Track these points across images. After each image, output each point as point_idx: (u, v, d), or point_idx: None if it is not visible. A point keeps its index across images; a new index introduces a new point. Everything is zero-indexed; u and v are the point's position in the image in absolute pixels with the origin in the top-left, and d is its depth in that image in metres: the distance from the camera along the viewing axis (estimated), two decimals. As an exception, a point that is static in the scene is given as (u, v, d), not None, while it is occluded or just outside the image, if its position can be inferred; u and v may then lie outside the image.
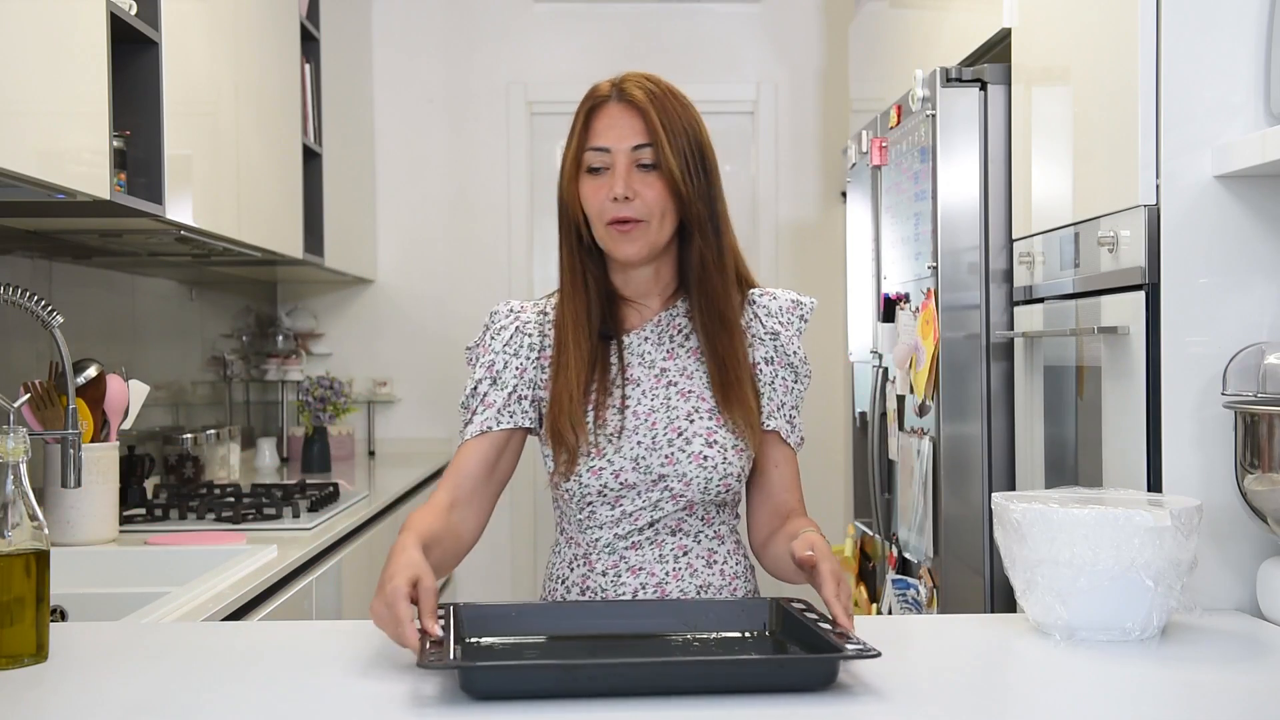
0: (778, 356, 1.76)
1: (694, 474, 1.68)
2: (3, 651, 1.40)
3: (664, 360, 1.75)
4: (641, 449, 1.69)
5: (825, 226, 4.79)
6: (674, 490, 1.69)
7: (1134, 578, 1.51)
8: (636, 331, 1.76)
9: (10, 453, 1.43)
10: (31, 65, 1.98)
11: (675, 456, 1.68)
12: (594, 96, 1.72)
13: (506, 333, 1.76)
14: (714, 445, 1.69)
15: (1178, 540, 1.52)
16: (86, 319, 3.06)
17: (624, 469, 1.68)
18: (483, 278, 4.81)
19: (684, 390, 1.72)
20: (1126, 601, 1.51)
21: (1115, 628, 1.53)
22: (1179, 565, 1.52)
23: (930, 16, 3.23)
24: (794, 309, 1.79)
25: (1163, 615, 1.54)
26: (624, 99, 1.70)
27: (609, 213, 1.67)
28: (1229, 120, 1.86)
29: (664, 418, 1.70)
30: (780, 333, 1.77)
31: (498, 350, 1.75)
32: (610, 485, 1.69)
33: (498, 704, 1.25)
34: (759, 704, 1.26)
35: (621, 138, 1.68)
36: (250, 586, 2.13)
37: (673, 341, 1.76)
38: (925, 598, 2.73)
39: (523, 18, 4.81)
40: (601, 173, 1.68)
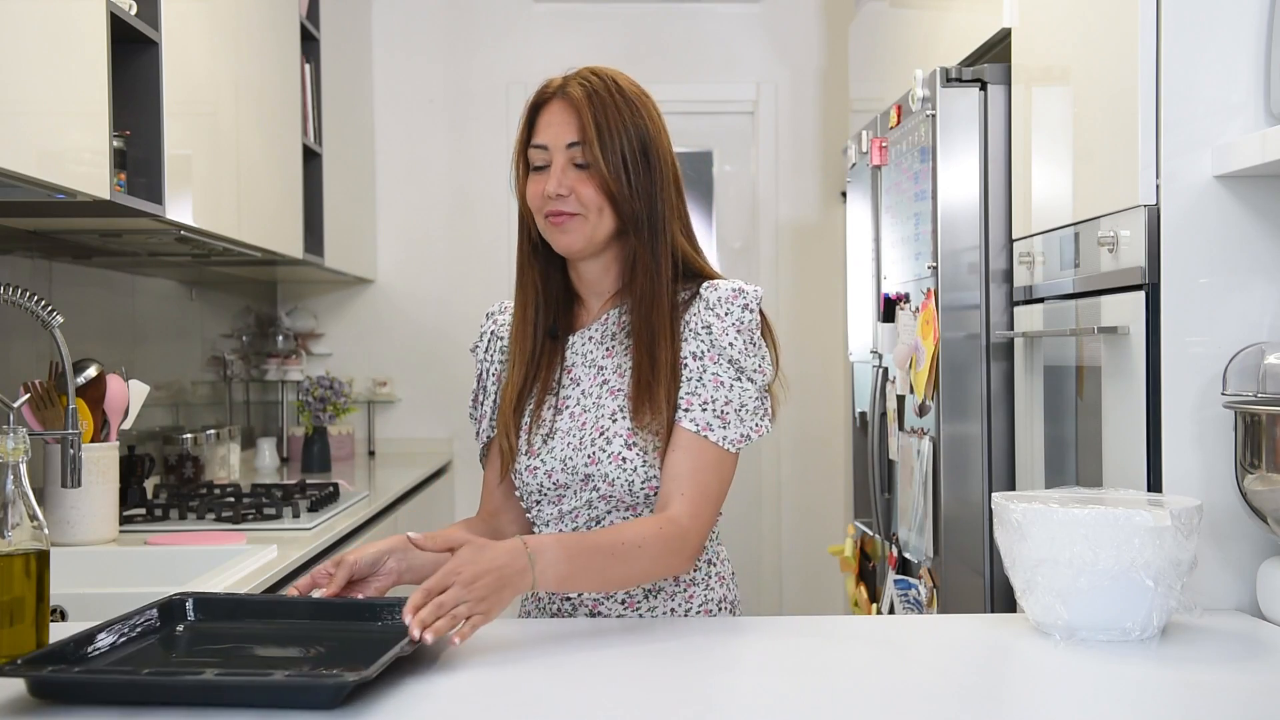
0: (710, 350, 1.67)
1: (615, 475, 1.66)
2: (3, 651, 1.40)
3: (603, 358, 1.74)
4: (569, 449, 1.70)
5: (825, 226, 4.79)
6: (601, 490, 1.68)
7: (1134, 578, 1.50)
8: (582, 330, 1.77)
9: (10, 453, 1.42)
10: (31, 65, 1.98)
11: (597, 456, 1.67)
12: (541, 93, 1.73)
13: (486, 337, 1.85)
14: (633, 447, 1.66)
15: (1178, 540, 1.52)
16: (86, 319, 3.06)
17: (555, 469, 1.70)
18: (483, 278, 4.80)
19: (614, 389, 1.71)
20: (1127, 601, 1.51)
21: (1115, 628, 1.53)
22: (1179, 565, 1.52)
23: (930, 16, 3.23)
24: (734, 298, 1.68)
25: (1163, 615, 1.53)
26: (564, 96, 1.70)
27: (546, 207, 1.70)
28: (1229, 120, 1.86)
29: (592, 417, 1.70)
30: (713, 324, 1.67)
31: (481, 356, 1.85)
32: (545, 484, 1.71)
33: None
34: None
35: (558, 135, 1.69)
36: (250, 586, 2.12)
37: (614, 340, 1.74)
38: (925, 598, 2.73)
39: (523, 18, 4.81)
40: (543, 169, 1.71)
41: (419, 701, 1.31)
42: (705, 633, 1.62)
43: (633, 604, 1.71)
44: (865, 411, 3.25)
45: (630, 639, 1.58)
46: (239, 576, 2.17)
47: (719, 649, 1.55)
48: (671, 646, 1.54)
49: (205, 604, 1.59)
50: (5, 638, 1.41)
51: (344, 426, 4.51)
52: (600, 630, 1.63)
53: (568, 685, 1.39)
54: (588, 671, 1.45)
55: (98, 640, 1.42)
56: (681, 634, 1.61)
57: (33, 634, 1.43)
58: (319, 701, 1.26)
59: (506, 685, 1.40)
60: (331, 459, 4.28)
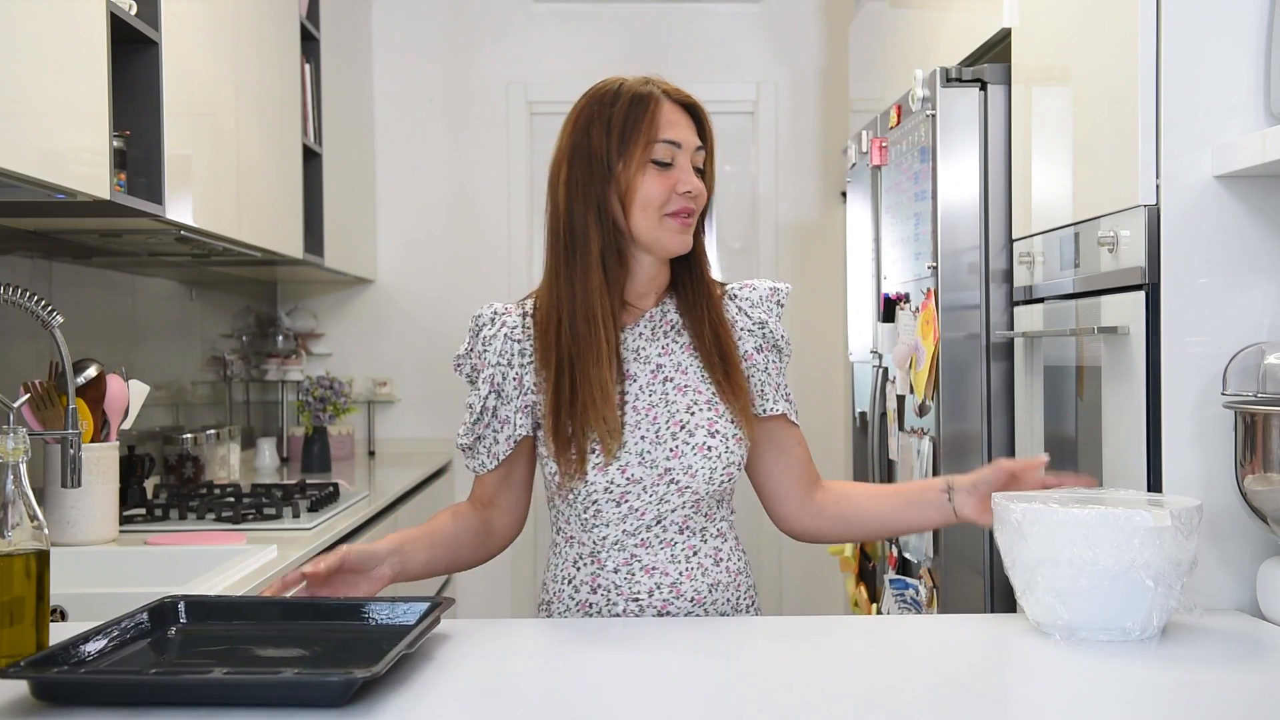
0: (766, 344, 1.81)
1: (699, 465, 1.71)
2: (3, 651, 1.40)
3: (659, 356, 1.76)
4: (646, 444, 1.70)
5: (825, 226, 4.79)
6: (680, 483, 1.70)
7: (1134, 578, 1.50)
8: (631, 327, 1.77)
9: (10, 453, 1.42)
10: (31, 65, 1.98)
11: (680, 449, 1.71)
12: (649, 93, 1.73)
13: (497, 341, 1.76)
14: (716, 435, 1.72)
15: (1178, 540, 1.52)
16: (86, 319, 3.06)
17: (629, 464, 1.69)
18: (483, 278, 4.81)
19: (680, 385, 1.75)
20: (1126, 601, 1.51)
21: (1115, 628, 1.53)
22: (1179, 565, 1.52)
23: (930, 16, 3.23)
24: (772, 295, 1.84)
25: (1163, 615, 1.54)
26: (679, 100, 1.75)
27: (676, 204, 1.71)
28: (1229, 120, 1.86)
29: (664, 412, 1.72)
30: (766, 321, 1.81)
31: (493, 363, 1.76)
32: (616, 482, 1.69)
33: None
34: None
35: (687, 136, 1.74)
36: (250, 587, 2.12)
37: (666, 337, 1.78)
38: (925, 598, 2.73)
39: (523, 18, 4.81)
40: (666, 166, 1.71)
41: (423, 699, 1.31)
42: (704, 632, 1.62)
43: (700, 600, 1.72)
44: (865, 411, 3.25)
45: (630, 639, 1.58)
46: (239, 577, 2.17)
47: (718, 649, 1.55)
48: (671, 646, 1.54)
49: (196, 606, 1.59)
50: (5, 638, 1.41)
51: (344, 426, 4.51)
52: (607, 630, 1.63)
53: (571, 684, 1.39)
54: (589, 671, 1.45)
55: (91, 644, 1.42)
56: (684, 633, 1.61)
57: (33, 634, 1.43)
58: (327, 699, 1.26)
59: (509, 683, 1.40)
60: (331, 459, 4.28)
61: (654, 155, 1.70)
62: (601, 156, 1.72)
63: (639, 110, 1.72)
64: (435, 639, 1.54)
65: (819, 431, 4.70)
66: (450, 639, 1.55)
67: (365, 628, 1.53)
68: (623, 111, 1.72)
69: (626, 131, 1.71)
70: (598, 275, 1.71)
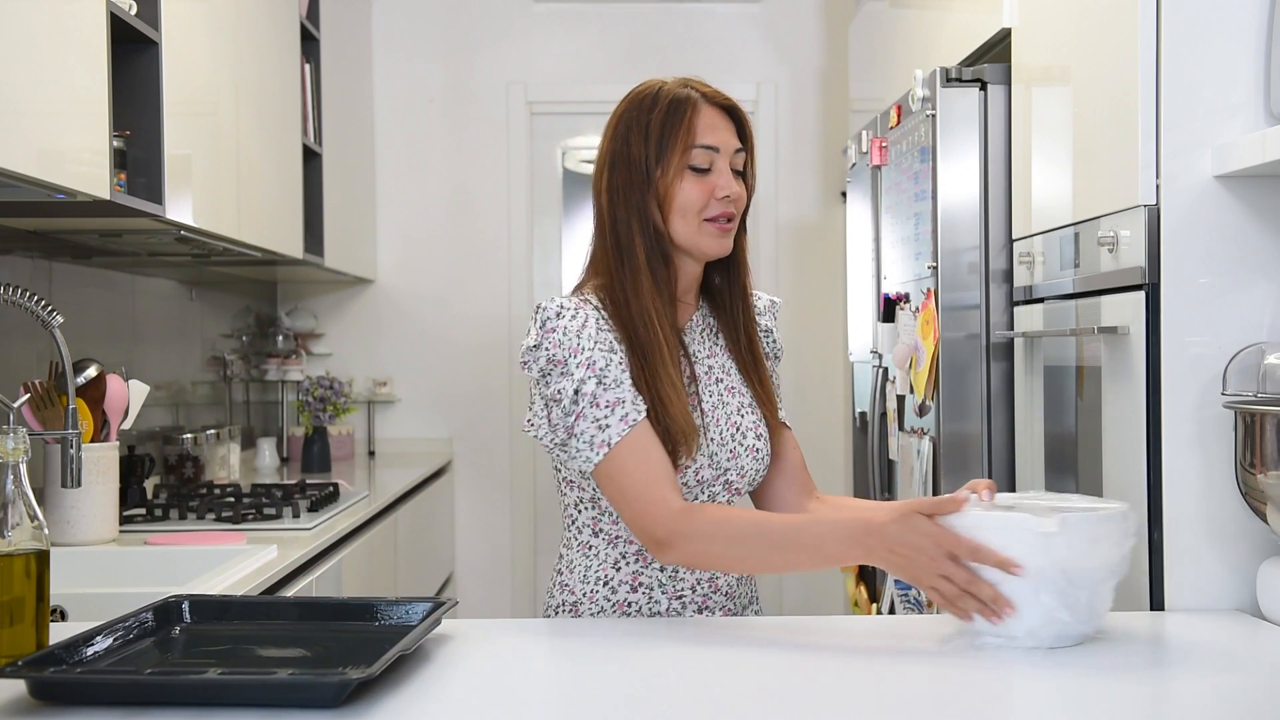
0: (769, 351, 1.87)
1: (749, 467, 1.75)
2: (3, 651, 1.40)
3: (708, 358, 1.78)
4: (714, 445, 1.72)
5: (825, 226, 4.79)
6: (732, 484, 1.74)
7: (1015, 584, 1.45)
8: (687, 328, 1.79)
9: (10, 453, 1.42)
10: (31, 65, 1.98)
11: (736, 451, 1.74)
12: (686, 97, 1.72)
13: (589, 329, 1.65)
14: (761, 438, 1.77)
15: (1072, 548, 1.45)
16: (86, 319, 3.06)
17: (702, 466, 1.70)
18: (483, 278, 4.81)
19: (729, 386, 1.78)
20: (1019, 608, 1.46)
21: (1003, 634, 1.48)
22: (1072, 574, 1.45)
23: (930, 16, 3.23)
24: (772, 308, 1.90)
25: (1053, 625, 1.47)
26: (718, 103, 1.75)
27: (715, 209, 1.71)
28: (1229, 120, 1.86)
29: (723, 414, 1.75)
30: (771, 329, 1.88)
31: (589, 348, 1.64)
32: (689, 484, 1.69)
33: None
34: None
35: (726, 140, 1.73)
36: (250, 587, 2.12)
37: (709, 339, 1.81)
38: (925, 598, 2.73)
39: (523, 18, 4.81)
40: (704, 172, 1.71)
41: (421, 700, 1.31)
42: (708, 631, 1.62)
43: (731, 593, 1.75)
44: (865, 411, 3.25)
45: (631, 639, 1.58)
46: (239, 577, 2.17)
47: (718, 648, 1.55)
48: (672, 646, 1.54)
49: (200, 606, 1.59)
50: (5, 638, 1.41)
51: (344, 426, 4.51)
52: (607, 630, 1.63)
53: (570, 684, 1.39)
54: (589, 671, 1.45)
55: (94, 644, 1.42)
56: (683, 634, 1.61)
57: (33, 634, 1.43)
58: (322, 700, 1.26)
59: (508, 684, 1.40)
60: (331, 459, 4.28)
61: (691, 161, 1.70)
62: (640, 163, 1.71)
63: (676, 116, 1.71)
64: (435, 639, 1.54)
65: (819, 432, 4.70)
66: (450, 639, 1.55)
67: (369, 628, 1.54)
68: (660, 117, 1.71)
69: (664, 138, 1.71)
70: (647, 279, 1.70)
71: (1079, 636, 1.51)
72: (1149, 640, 1.65)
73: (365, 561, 3.09)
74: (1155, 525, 1.88)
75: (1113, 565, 1.50)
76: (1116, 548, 1.50)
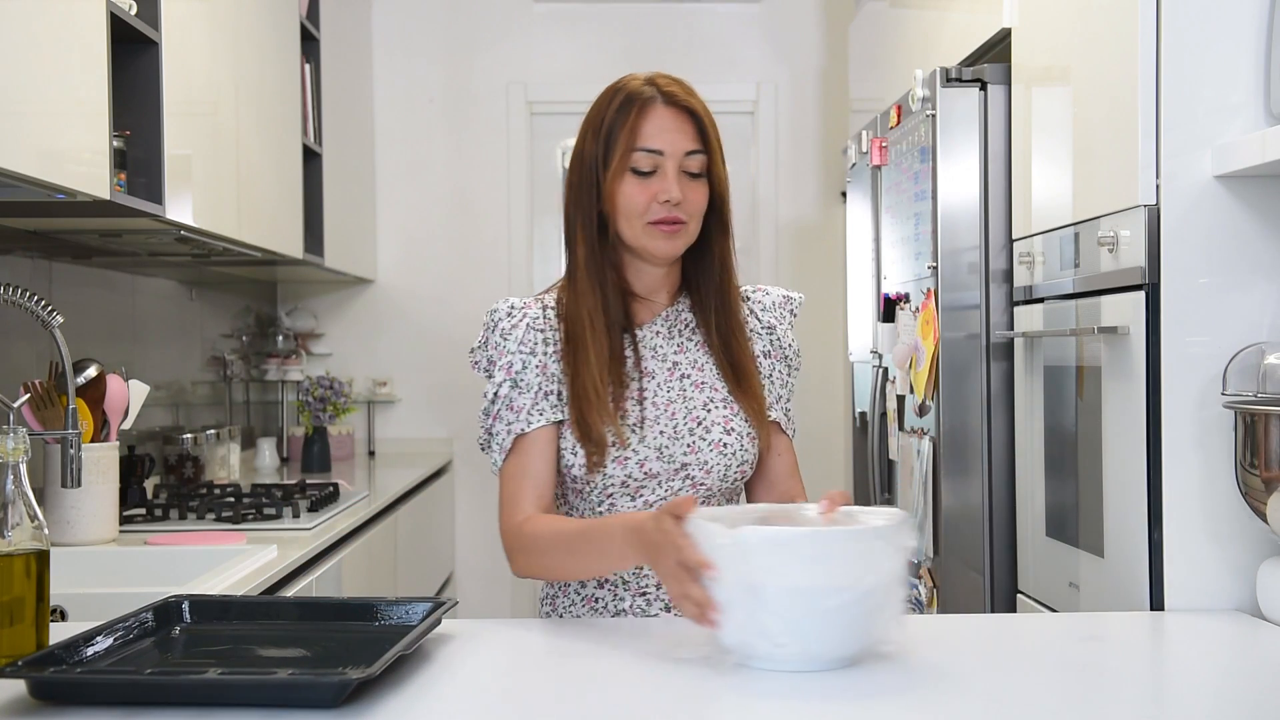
0: (774, 350, 1.84)
1: (715, 461, 1.72)
2: (3, 651, 1.40)
3: (675, 354, 1.78)
4: (664, 439, 1.72)
5: (825, 226, 4.79)
6: (695, 479, 1.72)
7: (719, 594, 1.36)
8: (648, 325, 1.79)
9: (10, 453, 1.42)
10: (31, 65, 1.98)
11: (696, 445, 1.72)
12: (638, 96, 1.71)
13: (518, 330, 1.73)
14: (732, 433, 1.74)
15: (750, 563, 1.33)
16: (86, 319, 3.06)
17: (648, 458, 1.70)
18: (483, 278, 4.80)
19: (697, 381, 1.77)
20: (726, 618, 1.37)
21: (713, 644, 1.42)
22: (759, 591, 1.33)
23: (930, 16, 3.23)
24: (785, 304, 1.86)
25: (749, 644, 1.37)
26: (673, 103, 1.71)
27: (656, 213, 1.69)
28: (1229, 120, 1.86)
29: (682, 408, 1.74)
30: (775, 326, 1.84)
31: (513, 351, 1.72)
32: (634, 475, 1.70)
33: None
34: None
35: (674, 142, 1.70)
36: (250, 587, 2.12)
37: (681, 335, 1.80)
38: (925, 598, 2.73)
39: (523, 18, 4.81)
40: (648, 174, 1.70)
41: (421, 700, 1.31)
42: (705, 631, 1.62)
43: None
44: (865, 411, 3.25)
45: (633, 639, 1.58)
46: (239, 576, 2.17)
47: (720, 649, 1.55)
48: (673, 646, 1.54)
49: (201, 606, 1.59)
50: (5, 638, 1.41)
51: (344, 426, 4.51)
52: (608, 630, 1.63)
53: (570, 685, 1.39)
54: (589, 671, 1.44)
55: (94, 644, 1.42)
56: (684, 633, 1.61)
57: (33, 634, 1.43)
58: (322, 700, 1.26)
59: (507, 683, 1.40)
60: (331, 459, 4.28)
61: (632, 163, 1.69)
62: (590, 163, 1.73)
63: (623, 116, 1.70)
64: (435, 639, 1.54)
65: (819, 432, 4.70)
66: (450, 639, 1.55)
67: (369, 628, 1.54)
68: (610, 116, 1.72)
69: (611, 138, 1.71)
70: (584, 278, 1.73)
71: (793, 660, 1.37)
72: (1149, 640, 1.65)
73: (365, 561, 3.09)
74: (1155, 525, 1.88)
75: (837, 587, 1.32)
76: (836, 568, 1.33)
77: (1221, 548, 1.82)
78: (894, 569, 1.36)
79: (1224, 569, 1.82)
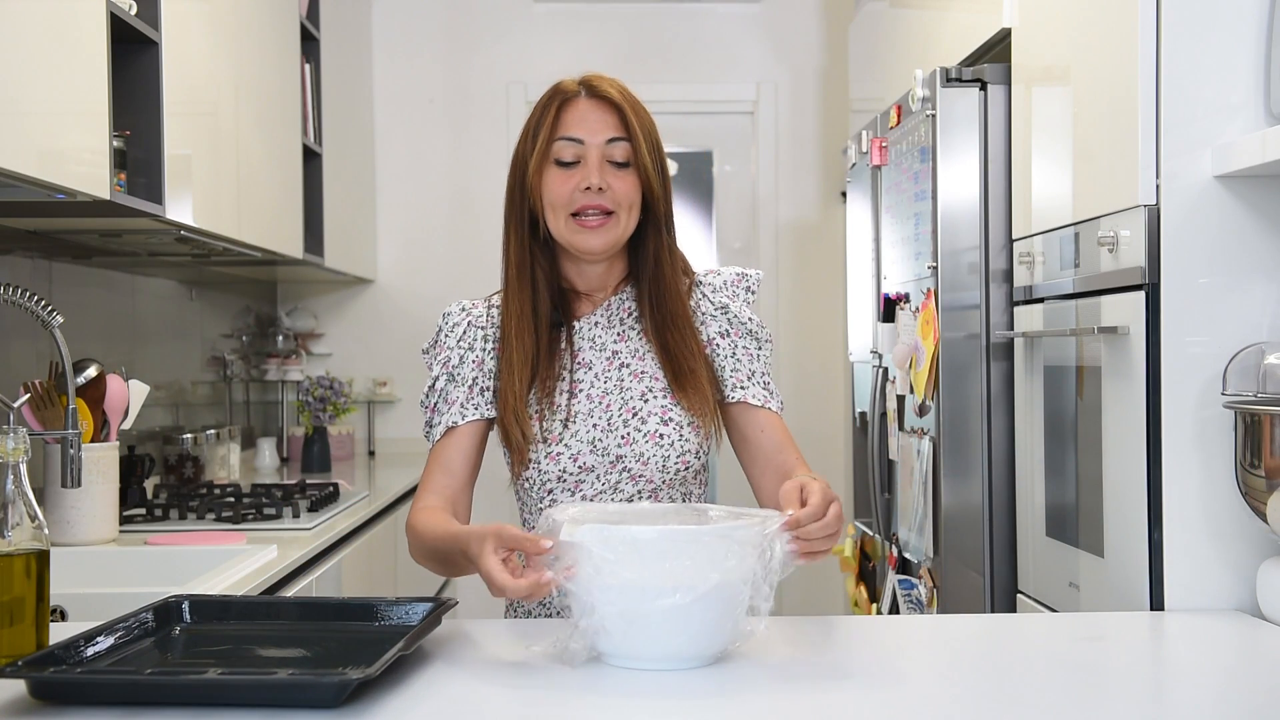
0: (733, 328, 1.79)
1: (651, 453, 1.70)
2: (3, 651, 1.40)
3: (615, 343, 1.77)
4: (597, 431, 1.71)
5: (825, 226, 4.79)
6: (632, 471, 1.70)
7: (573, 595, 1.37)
8: (587, 317, 1.78)
9: (10, 453, 1.42)
10: (31, 65, 1.98)
11: (631, 436, 1.71)
12: (562, 92, 1.73)
13: (459, 329, 1.78)
14: (669, 423, 1.71)
15: (599, 562, 1.33)
16: (86, 319, 3.06)
17: (581, 452, 1.70)
18: (483, 278, 4.77)
19: (636, 371, 1.75)
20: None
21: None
22: (599, 587, 1.34)
23: (930, 16, 3.23)
24: (739, 281, 1.82)
25: (581, 643, 1.38)
26: (596, 95, 1.72)
27: (579, 202, 1.69)
28: (1229, 120, 1.86)
29: (618, 399, 1.73)
30: (729, 305, 1.79)
31: (452, 346, 1.77)
32: (569, 470, 1.70)
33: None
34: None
35: (594, 131, 1.70)
36: (250, 587, 2.12)
37: (623, 324, 1.79)
38: (925, 598, 2.73)
39: (523, 18, 4.81)
40: (571, 165, 1.70)
41: (421, 700, 1.31)
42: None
43: None
44: (865, 411, 3.25)
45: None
46: (239, 576, 2.17)
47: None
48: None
49: (201, 606, 1.59)
50: (5, 638, 1.41)
51: (344, 426, 4.51)
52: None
53: (570, 685, 1.39)
54: (589, 671, 1.44)
55: (94, 644, 1.42)
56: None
57: (33, 634, 1.43)
58: (322, 700, 1.26)
59: (509, 684, 1.40)
60: (331, 459, 4.28)
61: (555, 155, 1.70)
62: (520, 160, 1.75)
63: (545, 110, 1.72)
64: (436, 639, 1.54)
65: (819, 432, 4.71)
66: (450, 640, 1.55)
67: (369, 628, 1.54)
68: (536, 113, 1.74)
69: (535, 133, 1.72)
70: (515, 279, 1.75)
71: (639, 658, 1.39)
72: (1149, 640, 1.65)
73: (365, 561, 3.09)
74: (1155, 525, 1.88)
75: (674, 586, 1.32)
76: (675, 567, 1.32)
77: (1221, 548, 1.82)
78: (741, 569, 1.36)
79: (1224, 569, 1.82)
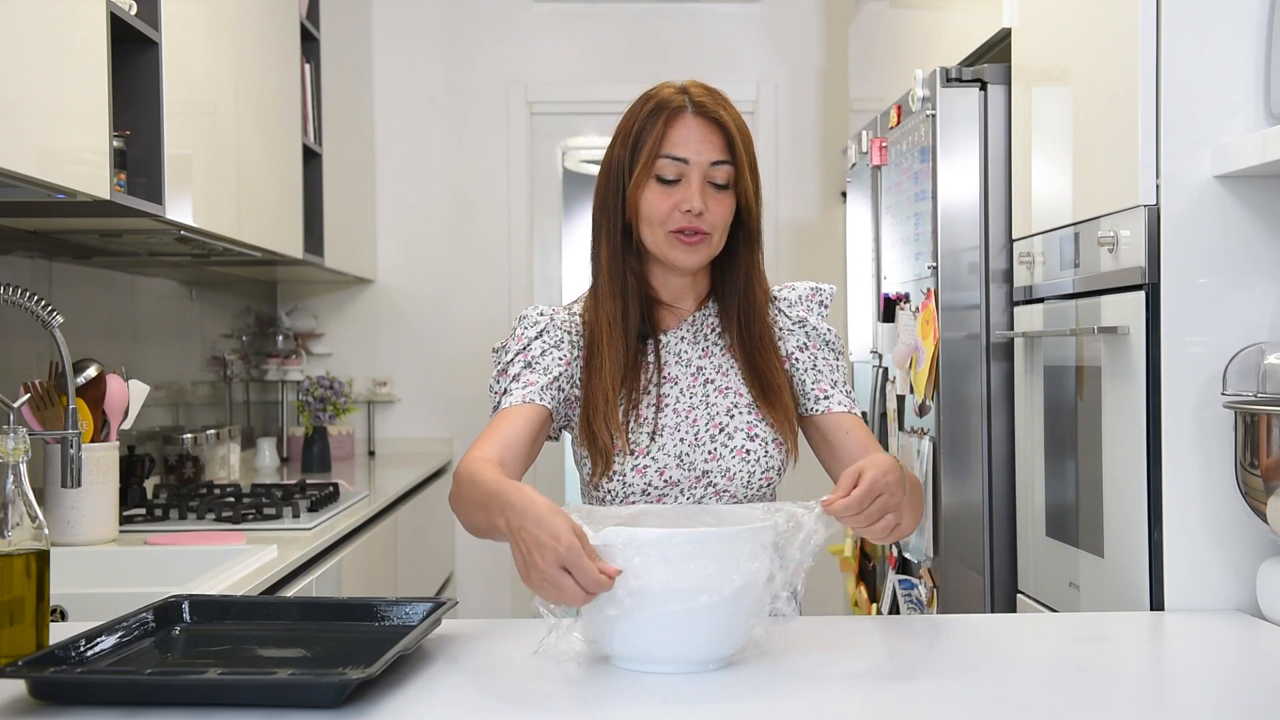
0: (811, 341, 1.80)
1: (737, 468, 1.71)
2: (3, 651, 1.40)
3: (700, 359, 1.77)
4: (684, 445, 1.71)
5: (825, 226, 4.79)
6: (718, 486, 1.71)
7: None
8: (673, 331, 1.78)
9: (10, 453, 1.42)
10: (31, 65, 1.98)
11: (718, 452, 1.71)
12: (667, 104, 1.70)
13: (539, 327, 1.74)
14: (755, 439, 1.72)
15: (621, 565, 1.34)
16: (86, 319, 3.06)
17: (668, 466, 1.70)
18: (483, 278, 4.81)
19: (721, 387, 1.75)
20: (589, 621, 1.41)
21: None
22: (621, 590, 1.34)
23: (930, 16, 3.23)
24: (813, 295, 1.83)
25: (609, 644, 1.40)
26: (703, 114, 1.70)
27: (677, 222, 1.68)
28: (1229, 120, 1.86)
29: (704, 414, 1.73)
30: (806, 319, 1.81)
31: (532, 338, 1.73)
32: (654, 483, 1.70)
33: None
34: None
35: (700, 152, 1.69)
36: (250, 587, 2.12)
37: (707, 340, 1.79)
38: (925, 597, 2.73)
39: (523, 18, 4.81)
40: (673, 182, 1.69)
41: (421, 700, 1.31)
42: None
43: None
44: (865, 411, 3.25)
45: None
46: (239, 576, 2.17)
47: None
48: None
49: (201, 606, 1.59)
50: (5, 638, 1.41)
51: (344, 426, 4.51)
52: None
53: (570, 685, 1.39)
54: (589, 671, 1.44)
55: (94, 644, 1.42)
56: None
57: (33, 634, 1.43)
58: (322, 700, 1.26)
59: (509, 684, 1.40)
60: (331, 459, 4.28)
61: (657, 171, 1.69)
62: (617, 168, 1.73)
63: (650, 124, 1.70)
64: (436, 639, 1.54)
65: (819, 431, 4.71)
66: (451, 639, 1.55)
67: (370, 628, 1.54)
68: (638, 124, 1.71)
69: (637, 146, 1.70)
70: (605, 285, 1.74)
71: (659, 662, 1.39)
72: (1149, 640, 1.65)
73: (365, 561, 3.09)
74: (1155, 525, 1.88)
75: (698, 588, 1.33)
76: (697, 570, 1.33)
77: (1221, 548, 1.82)
78: (762, 571, 1.36)
79: (1224, 569, 1.82)
